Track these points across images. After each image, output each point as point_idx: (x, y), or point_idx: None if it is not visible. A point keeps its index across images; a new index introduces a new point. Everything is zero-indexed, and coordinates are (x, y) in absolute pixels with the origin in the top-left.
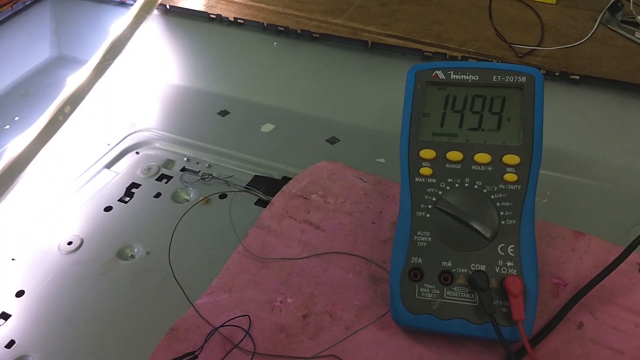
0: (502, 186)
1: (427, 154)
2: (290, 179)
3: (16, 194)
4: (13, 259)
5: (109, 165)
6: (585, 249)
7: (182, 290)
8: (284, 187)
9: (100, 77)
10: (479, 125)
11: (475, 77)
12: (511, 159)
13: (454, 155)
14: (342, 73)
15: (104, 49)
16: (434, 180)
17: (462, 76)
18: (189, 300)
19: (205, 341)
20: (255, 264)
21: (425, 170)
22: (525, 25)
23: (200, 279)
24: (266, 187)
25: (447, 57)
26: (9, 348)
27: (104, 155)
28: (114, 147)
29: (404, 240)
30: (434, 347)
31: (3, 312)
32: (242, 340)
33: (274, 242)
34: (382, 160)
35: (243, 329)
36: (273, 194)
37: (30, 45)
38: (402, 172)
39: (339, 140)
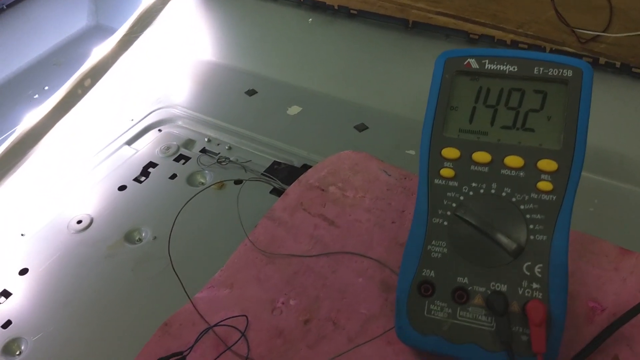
0: (534, 195)
1: (450, 152)
2: (311, 167)
3: (31, 168)
4: (22, 235)
5: (130, 142)
6: (630, 269)
7: (181, 282)
8: (301, 177)
9: (126, 49)
10: (514, 123)
11: (514, 68)
12: (547, 164)
13: (481, 157)
14: (379, 54)
15: (131, 20)
16: (456, 184)
17: (498, 66)
18: (186, 294)
19: (196, 341)
20: (261, 258)
21: (447, 172)
22: (591, 7)
23: (204, 270)
24: (284, 174)
25: (495, 40)
26: (4, 328)
27: (126, 131)
28: (137, 123)
29: (416, 248)
30: None
31: (4, 290)
32: (236, 342)
33: (284, 235)
34: (412, 152)
35: (239, 330)
36: (290, 183)
37: (68, 13)
38: (421, 172)
39: (367, 128)
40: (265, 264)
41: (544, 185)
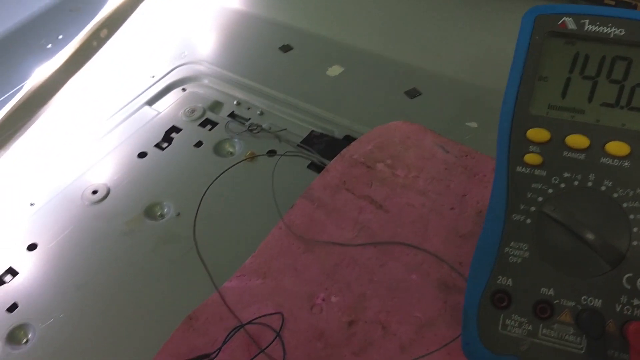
0: None
1: (538, 134)
2: (354, 139)
3: (41, 130)
4: (32, 204)
5: (150, 102)
6: None
7: (208, 271)
8: (344, 151)
9: None
10: (617, 100)
11: (620, 31)
12: None
13: (577, 141)
14: (436, 5)
15: None
16: (544, 173)
17: (601, 28)
18: (214, 284)
19: (226, 341)
20: (298, 245)
21: (533, 158)
22: None
23: (233, 255)
24: (324, 146)
25: None
26: (10, 312)
27: (146, 90)
28: (159, 80)
29: (490, 251)
30: None
31: (10, 268)
32: (270, 344)
33: (324, 220)
34: (474, 124)
35: (273, 329)
36: (330, 157)
37: None
38: (499, 156)
39: (420, 94)
40: (302, 251)
41: None
